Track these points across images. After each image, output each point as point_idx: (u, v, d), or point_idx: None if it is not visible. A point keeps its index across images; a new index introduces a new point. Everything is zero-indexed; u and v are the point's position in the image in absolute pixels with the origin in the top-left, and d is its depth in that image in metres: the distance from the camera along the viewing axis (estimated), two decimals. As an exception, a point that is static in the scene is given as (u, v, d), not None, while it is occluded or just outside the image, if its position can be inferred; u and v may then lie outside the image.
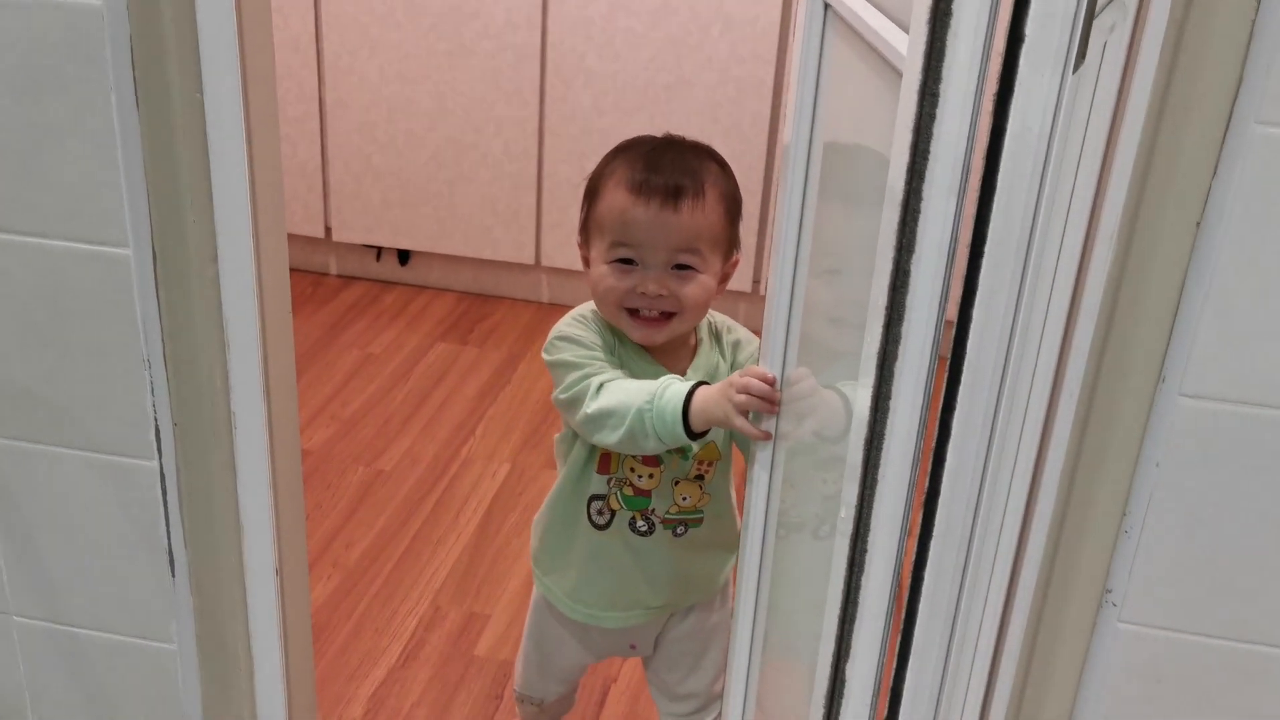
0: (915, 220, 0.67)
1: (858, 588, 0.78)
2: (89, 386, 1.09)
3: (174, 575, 1.16)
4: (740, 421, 1.08)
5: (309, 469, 2.31)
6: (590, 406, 1.18)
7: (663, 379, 1.18)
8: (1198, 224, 0.88)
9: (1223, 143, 0.86)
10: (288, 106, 2.89)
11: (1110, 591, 1.01)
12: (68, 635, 1.21)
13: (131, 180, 1.00)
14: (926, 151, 0.66)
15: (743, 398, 1.06)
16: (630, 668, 1.83)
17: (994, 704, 1.10)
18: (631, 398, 1.16)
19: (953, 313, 0.70)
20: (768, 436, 1.07)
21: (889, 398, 0.72)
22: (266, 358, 1.09)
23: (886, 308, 0.71)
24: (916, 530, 0.75)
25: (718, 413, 1.11)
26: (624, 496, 1.28)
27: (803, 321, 1.02)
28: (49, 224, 1.03)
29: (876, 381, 0.73)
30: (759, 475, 1.08)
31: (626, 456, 1.26)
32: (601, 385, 1.19)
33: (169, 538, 1.14)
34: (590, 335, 1.26)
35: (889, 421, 0.73)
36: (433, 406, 2.57)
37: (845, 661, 0.81)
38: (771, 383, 1.03)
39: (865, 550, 0.77)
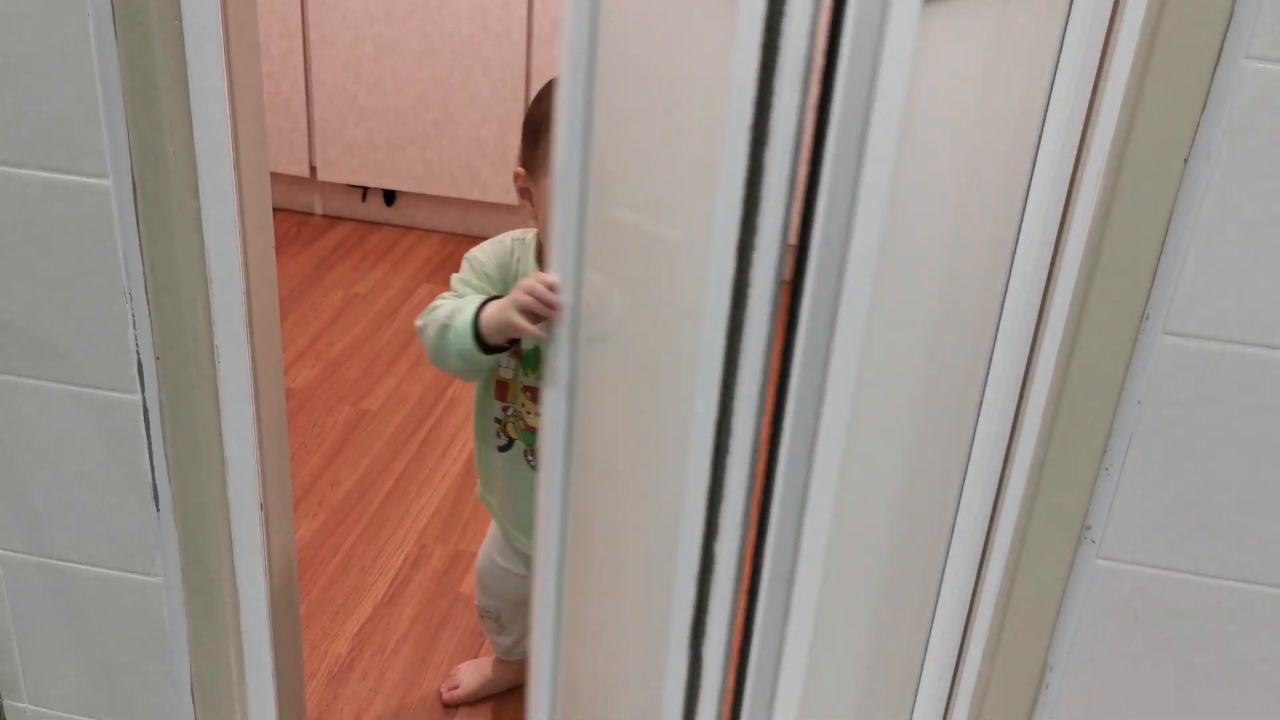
0: (768, 114, 0.73)
1: (724, 469, 0.85)
2: (70, 319, 1.08)
3: (158, 509, 1.16)
4: (518, 319, 1.09)
5: (294, 408, 2.30)
6: (419, 322, 1.24)
7: (478, 297, 1.23)
8: (1185, 160, 0.88)
9: (1212, 78, 0.85)
10: (271, 44, 2.85)
11: (1089, 528, 1.02)
12: (52, 569, 1.22)
13: (110, 109, 0.99)
14: (776, 48, 0.71)
15: (524, 298, 1.06)
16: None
17: (972, 638, 1.11)
18: (441, 314, 1.22)
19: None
20: (542, 336, 1.04)
21: (748, 285, 0.78)
22: (250, 291, 1.08)
23: (743, 200, 0.76)
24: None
25: (502, 317, 1.14)
26: (519, 429, 1.32)
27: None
28: (27, 153, 1.01)
29: (736, 270, 0.78)
30: (553, 397, 1.02)
31: (520, 389, 1.32)
32: (435, 305, 1.25)
33: (153, 471, 1.14)
34: (478, 279, 1.30)
35: (749, 307, 0.79)
36: (419, 347, 2.56)
37: (715, 540, 0.88)
38: (553, 287, 1.00)
39: (729, 436, 0.84)
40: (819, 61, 0.72)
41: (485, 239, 1.36)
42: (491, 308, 1.19)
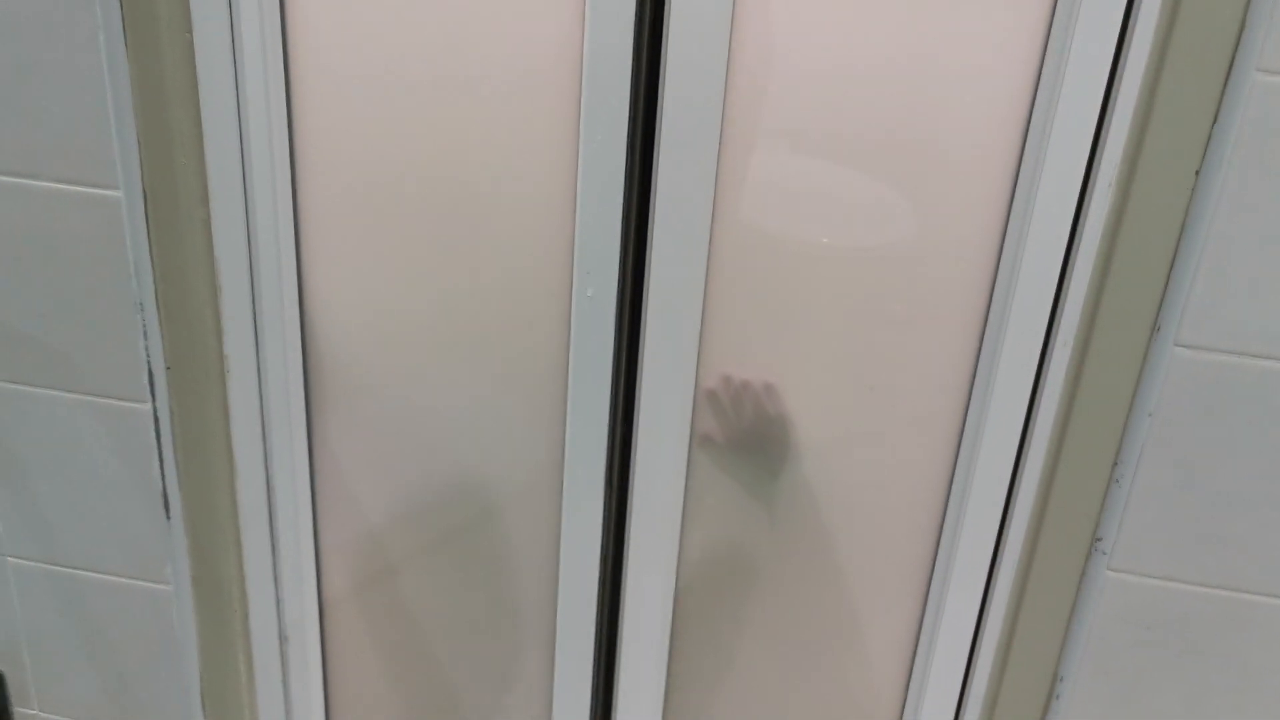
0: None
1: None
2: (82, 329, 1.08)
3: (168, 517, 1.16)
4: None
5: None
6: None
7: None
8: (1197, 171, 0.88)
9: (1223, 90, 0.85)
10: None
11: (1100, 540, 1.02)
12: (64, 576, 1.22)
13: (121, 121, 0.99)
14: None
15: None
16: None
17: (982, 648, 1.11)
18: None
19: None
20: None
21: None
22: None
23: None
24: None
25: None
26: None
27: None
28: (39, 165, 1.02)
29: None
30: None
31: None
32: None
33: (163, 480, 1.14)
34: None
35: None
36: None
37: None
38: None
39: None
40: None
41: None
42: None
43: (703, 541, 1.14)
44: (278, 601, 1.23)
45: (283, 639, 1.25)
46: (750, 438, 1.09)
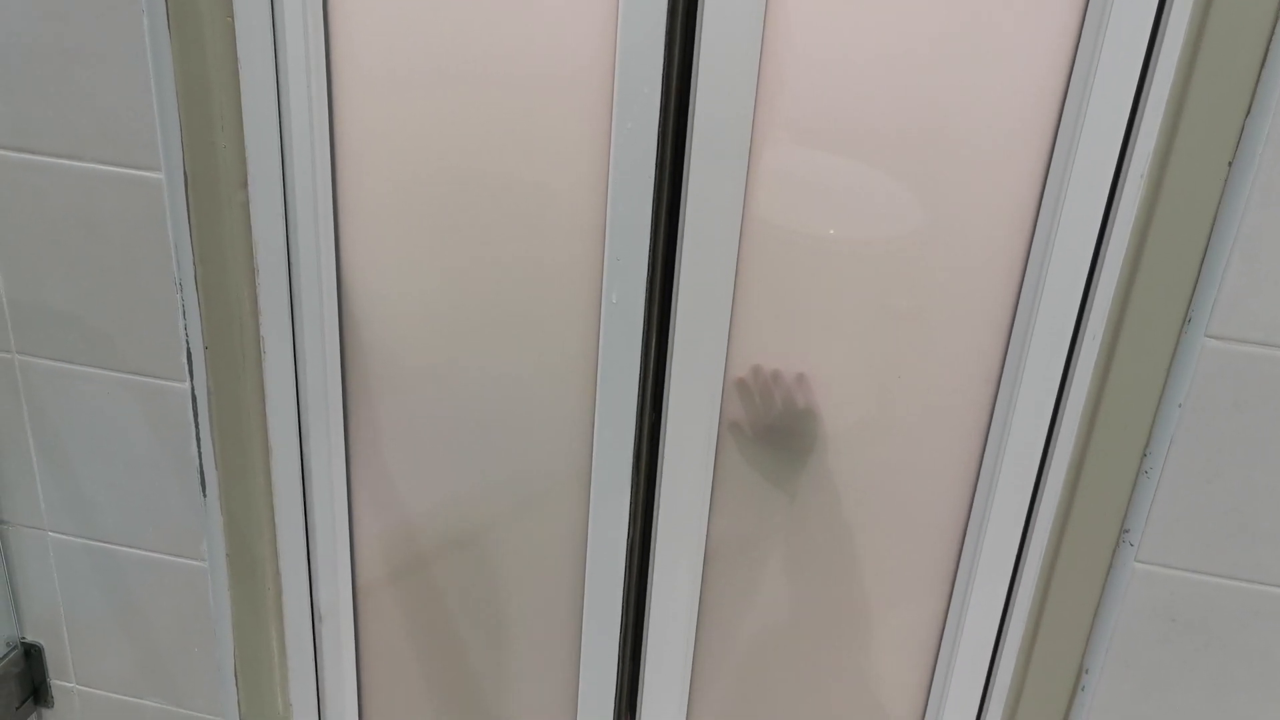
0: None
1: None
2: (122, 309, 1.10)
3: (205, 494, 1.18)
4: None
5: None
6: None
7: None
8: (1229, 163, 0.87)
9: (1258, 80, 0.84)
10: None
11: (1128, 531, 1.02)
12: (102, 551, 1.24)
13: (163, 104, 1.01)
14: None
15: None
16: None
17: (1007, 640, 1.11)
18: None
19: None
20: None
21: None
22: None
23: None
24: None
25: None
26: None
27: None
28: (82, 146, 1.04)
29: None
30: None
31: None
32: None
33: (200, 458, 1.16)
34: None
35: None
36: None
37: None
38: None
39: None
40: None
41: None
42: None
43: (729, 531, 1.15)
44: (311, 580, 1.25)
45: (316, 617, 1.27)
46: (778, 428, 1.09)
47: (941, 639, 1.17)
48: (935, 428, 1.07)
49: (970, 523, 1.10)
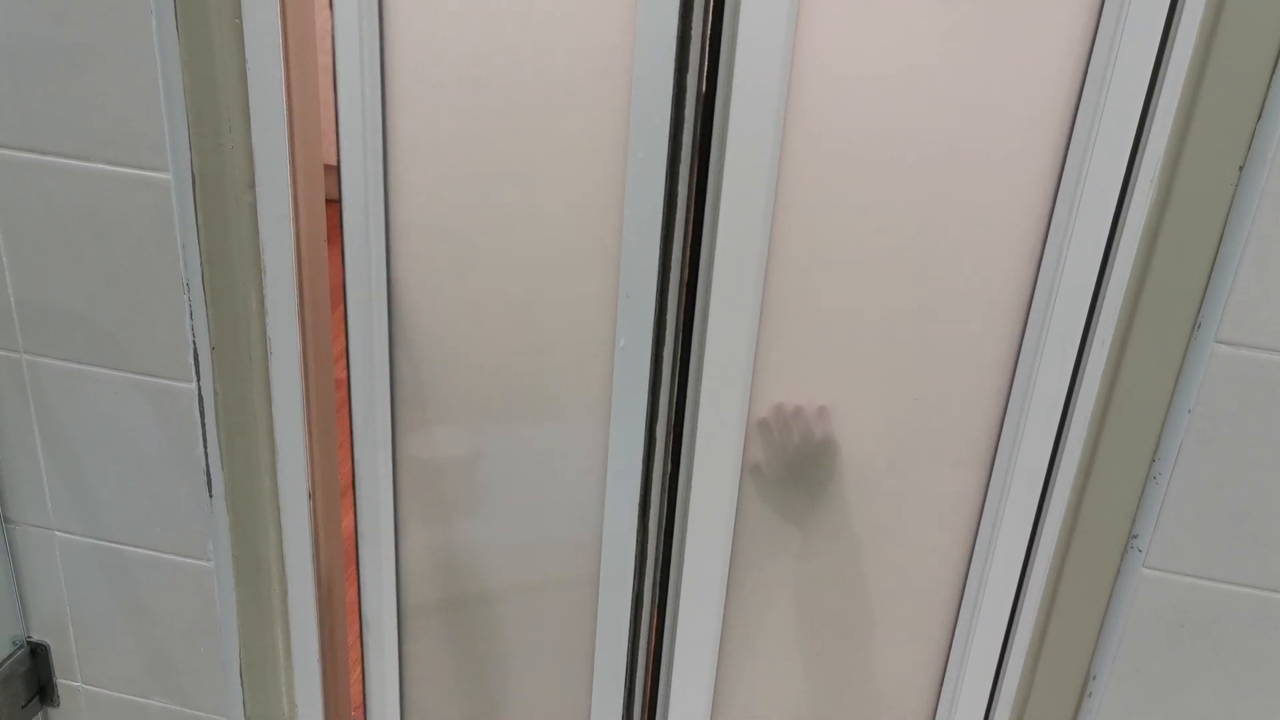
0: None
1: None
2: (129, 309, 1.10)
3: (211, 495, 1.18)
4: None
5: (343, 398, 2.32)
6: None
7: None
8: (1240, 167, 0.87)
9: (1269, 84, 0.84)
10: (325, 37, 2.87)
11: (1136, 537, 1.01)
12: (108, 551, 1.24)
13: (171, 105, 1.01)
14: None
15: None
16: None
17: (1014, 646, 1.11)
18: None
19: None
20: None
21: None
22: (302, 282, 1.10)
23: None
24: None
25: None
26: None
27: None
28: (91, 147, 1.04)
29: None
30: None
31: None
32: None
33: (206, 458, 1.16)
34: None
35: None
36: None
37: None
38: None
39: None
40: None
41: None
42: None
43: (748, 571, 1.15)
44: (316, 580, 1.25)
45: (321, 618, 1.27)
46: (795, 463, 1.09)
47: (951, 645, 1.16)
48: (948, 439, 1.06)
49: (980, 527, 1.09)
